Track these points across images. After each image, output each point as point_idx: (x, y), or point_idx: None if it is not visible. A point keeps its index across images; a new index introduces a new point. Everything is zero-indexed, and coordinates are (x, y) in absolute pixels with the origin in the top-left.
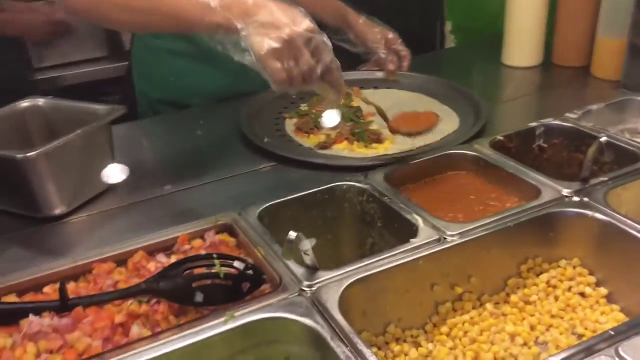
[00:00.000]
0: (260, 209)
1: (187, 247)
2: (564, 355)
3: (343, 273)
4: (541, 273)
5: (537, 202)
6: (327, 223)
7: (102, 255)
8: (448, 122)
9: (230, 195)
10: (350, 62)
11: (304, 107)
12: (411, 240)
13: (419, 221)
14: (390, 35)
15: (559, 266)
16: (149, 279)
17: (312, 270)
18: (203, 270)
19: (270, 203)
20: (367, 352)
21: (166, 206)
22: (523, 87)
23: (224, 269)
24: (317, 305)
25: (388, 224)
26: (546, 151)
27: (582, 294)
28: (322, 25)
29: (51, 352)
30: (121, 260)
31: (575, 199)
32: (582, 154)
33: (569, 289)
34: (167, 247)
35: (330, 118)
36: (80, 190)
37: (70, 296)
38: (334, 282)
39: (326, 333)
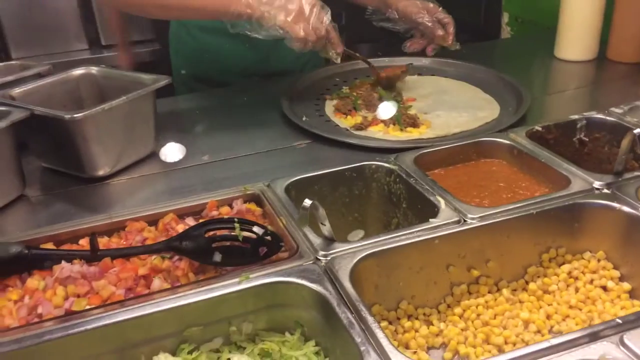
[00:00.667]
0: (288, 182)
1: (215, 212)
2: (568, 337)
3: (358, 246)
4: (563, 264)
5: (564, 192)
6: (354, 201)
7: (136, 214)
8: (488, 110)
9: (264, 168)
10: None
11: (345, 89)
12: (430, 220)
13: (442, 203)
14: (431, 5)
15: (582, 258)
16: (173, 237)
17: (329, 241)
18: (224, 232)
19: (299, 177)
20: (370, 319)
21: (202, 174)
22: (573, 81)
23: (244, 233)
24: (329, 274)
25: (412, 205)
26: (587, 145)
27: (604, 288)
28: (363, 7)
29: (78, 296)
30: (153, 221)
31: (606, 191)
32: None
33: (591, 281)
34: (196, 212)
35: (386, 110)
36: (124, 154)
37: (102, 248)
38: (348, 254)
39: (333, 299)
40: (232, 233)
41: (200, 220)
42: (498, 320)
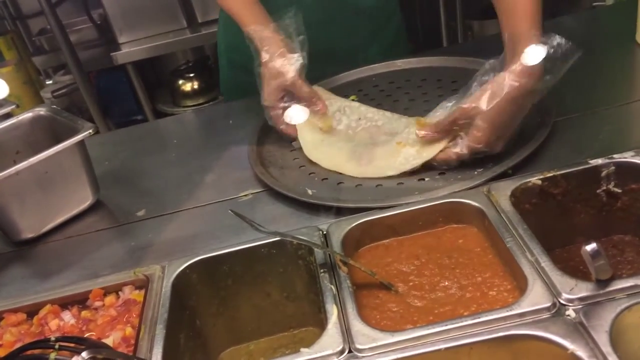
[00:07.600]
0: (187, 264)
1: (98, 303)
2: None
3: None
4: None
5: (507, 312)
6: (279, 279)
7: (16, 304)
8: None
9: (195, 231)
10: None
11: None
12: (301, 349)
13: (332, 317)
14: (472, 105)
15: None
16: None
17: None
18: None
19: (200, 257)
20: None
21: (127, 238)
22: None
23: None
24: None
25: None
26: (620, 198)
27: None
28: None
29: None
30: (34, 311)
31: (570, 314)
32: None
33: None
34: (80, 301)
35: (296, 115)
36: (51, 213)
37: None
38: None
39: None
40: None
41: (84, 312)
42: None
